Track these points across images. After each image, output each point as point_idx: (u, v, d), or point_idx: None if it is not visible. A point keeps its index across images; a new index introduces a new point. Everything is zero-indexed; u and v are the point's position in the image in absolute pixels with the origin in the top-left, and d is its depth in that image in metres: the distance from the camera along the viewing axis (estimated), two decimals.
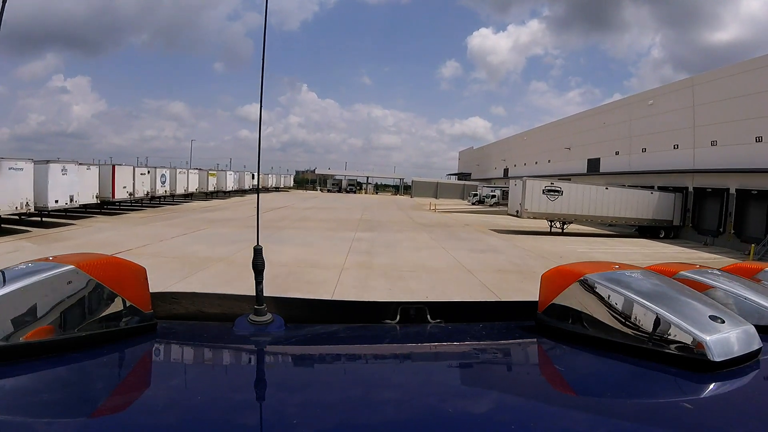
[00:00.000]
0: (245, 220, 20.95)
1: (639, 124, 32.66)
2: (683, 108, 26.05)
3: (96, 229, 17.16)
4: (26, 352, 0.75)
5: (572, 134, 41.36)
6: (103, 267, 0.89)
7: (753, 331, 0.81)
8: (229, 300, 1.14)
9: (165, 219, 21.41)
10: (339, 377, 0.89)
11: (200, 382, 0.83)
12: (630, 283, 0.90)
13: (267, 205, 33.17)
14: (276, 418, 0.67)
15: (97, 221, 19.68)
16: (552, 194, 21.94)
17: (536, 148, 48.32)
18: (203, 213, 25.30)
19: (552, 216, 22.13)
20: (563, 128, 43.41)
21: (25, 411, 0.63)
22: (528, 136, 51.23)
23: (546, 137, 46.46)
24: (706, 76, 25.11)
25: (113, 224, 18.80)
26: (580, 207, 22.31)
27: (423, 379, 0.87)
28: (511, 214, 22.83)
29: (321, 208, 32.12)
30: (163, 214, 24.33)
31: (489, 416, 0.70)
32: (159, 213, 24.71)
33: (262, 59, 1.14)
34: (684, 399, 0.74)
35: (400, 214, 30.63)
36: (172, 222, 20.12)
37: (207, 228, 18.10)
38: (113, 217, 21.81)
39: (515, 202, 22.27)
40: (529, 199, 21.31)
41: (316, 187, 77.49)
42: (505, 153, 57.46)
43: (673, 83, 29.65)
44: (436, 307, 1.15)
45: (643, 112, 31.65)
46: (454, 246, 15.85)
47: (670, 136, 27.43)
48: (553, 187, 22.11)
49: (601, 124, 37.20)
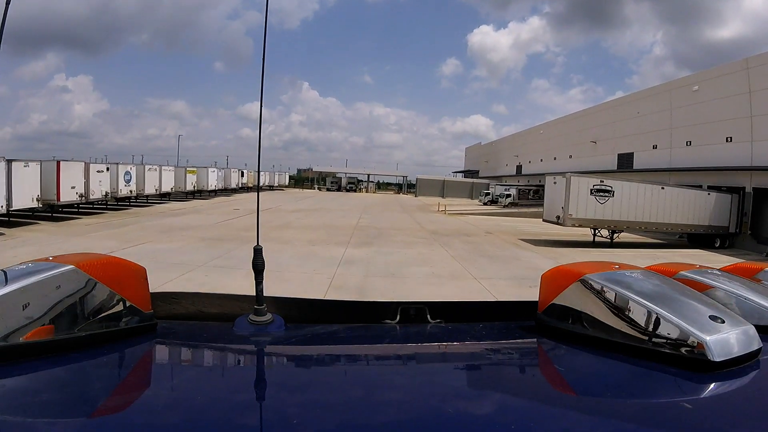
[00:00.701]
0: (208, 229, 16.40)
1: (682, 113, 28.19)
2: (737, 94, 21.73)
3: (20, 241, 13.35)
4: (26, 352, 0.74)
5: (598, 126, 36.60)
6: (103, 267, 0.89)
7: (753, 332, 0.81)
8: (229, 300, 1.13)
9: (114, 227, 17.35)
10: (339, 377, 0.89)
11: (200, 382, 0.82)
12: (630, 283, 0.90)
13: (250, 206, 28.50)
14: (276, 418, 0.67)
15: (32, 230, 15.94)
16: (601, 195, 17.19)
17: (555, 143, 43.50)
18: (166, 218, 20.77)
19: (601, 223, 17.36)
20: (588, 120, 38.57)
21: (25, 411, 0.63)
22: (545, 130, 46.38)
23: (566, 130, 41.66)
24: (764, 57, 20.34)
25: (48, 234, 15.07)
26: (633, 211, 17.55)
27: (423, 379, 0.87)
28: (549, 221, 17.91)
29: (312, 211, 27.25)
30: (118, 219, 20.03)
31: (489, 416, 0.70)
32: (114, 218, 20.36)
33: (263, 58, 1.16)
34: (684, 399, 0.74)
35: (405, 218, 25.79)
36: (117, 231, 16.03)
37: (151, 242, 13.56)
38: (58, 224, 17.69)
39: (554, 206, 17.41)
40: (575, 202, 16.54)
41: (314, 185, 72.91)
42: (518, 148, 52.68)
43: (724, 65, 24.95)
44: (436, 307, 1.14)
45: (686, 100, 27.22)
46: (487, 270, 11.17)
47: (721, 127, 22.85)
48: (603, 186, 17.35)
49: (634, 114, 32.46)
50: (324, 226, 18.98)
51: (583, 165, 38.19)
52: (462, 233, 18.93)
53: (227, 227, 17.39)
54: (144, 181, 27.99)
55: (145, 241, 13.53)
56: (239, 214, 23.10)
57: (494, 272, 11.03)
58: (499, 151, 60.87)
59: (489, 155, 64.87)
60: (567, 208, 16.44)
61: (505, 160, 57.41)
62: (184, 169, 35.93)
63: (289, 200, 36.41)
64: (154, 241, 13.62)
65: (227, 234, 15.31)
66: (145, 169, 28.38)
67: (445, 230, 19.76)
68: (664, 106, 29.70)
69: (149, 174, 28.75)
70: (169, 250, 12.00)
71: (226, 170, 43.84)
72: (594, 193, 17.07)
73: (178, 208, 26.36)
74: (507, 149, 57.03)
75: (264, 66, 1.15)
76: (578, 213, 16.66)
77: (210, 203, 30.97)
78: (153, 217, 21.24)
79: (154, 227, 17.01)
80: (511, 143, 56.09)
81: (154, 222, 18.64)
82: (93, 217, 20.47)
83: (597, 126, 36.78)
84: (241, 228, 17.15)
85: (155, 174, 29.51)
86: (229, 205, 28.60)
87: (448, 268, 11.26)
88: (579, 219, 16.78)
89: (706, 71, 26.86)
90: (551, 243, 16.86)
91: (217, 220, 20.39)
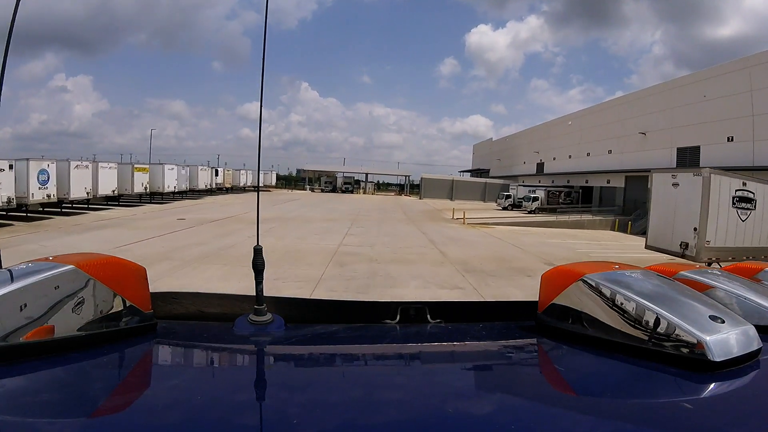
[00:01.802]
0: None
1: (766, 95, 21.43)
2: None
3: None
4: (26, 352, 0.74)
5: (647, 114, 29.76)
6: (102, 267, 0.88)
7: (753, 332, 0.81)
8: (229, 300, 1.12)
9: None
10: (339, 377, 0.88)
11: (200, 382, 0.82)
12: (630, 284, 0.90)
13: (209, 215, 21.54)
14: (276, 418, 0.67)
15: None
16: (743, 207, 10.39)
17: (588, 136, 36.64)
18: (67, 237, 14.00)
19: (742, 252, 10.47)
20: (633, 107, 31.65)
21: (25, 411, 0.63)
22: (575, 120, 39.46)
23: (603, 120, 34.80)
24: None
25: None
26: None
27: (423, 379, 0.87)
28: (661, 250, 10.82)
29: (284, 221, 19.88)
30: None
31: (489, 416, 0.70)
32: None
33: (263, 59, 1.15)
34: (684, 399, 0.74)
35: (412, 235, 18.59)
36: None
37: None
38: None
39: (674, 225, 10.44)
40: (714, 218, 9.68)
41: (307, 185, 65.19)
42: (539, 143, 45.78)
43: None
44: (436, 307, 1.13)
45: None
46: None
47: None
48: (745, 192, 10.52)
49: (699, 97, 25.61)
50: (282, 253, 11.75)
51: (625, 162, 31.43)
52: (512, 268, 11.85)
53: (140, 255, 10.57)
54: (69, 183, 21.20)
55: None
56: (175, 228, 16.25)
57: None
58: (514, 148, 53.76)
59: (502, 152, 57.81)
60: (703, 232, 9.50)
61: (522, 157, 50.48)
62: (130, 166, 28.82)
63: (265, 205, 29.27)
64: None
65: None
66: (70, 167, 21.46)
67: (479, 261, 12.64)
68: (743, 87, 22.96)
69: (77, 173, 21.88)
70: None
71: (193, 168, 36.55)
72: (736, 203, 10.22)
73: (108, 218, 19.59)
74: (525, 145, 50.07)
75: (264, 66, 1.15)
76: (717, 238, 9.77)
77: (156, 210, 24.16)
78: (50, 234, 14.44)
79: (22, 254, 10.19)
80: (529, 138, 49.11)
81: (39, 244, 11.73)
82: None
83: (645, 114, 29.94)
84: (160, 256, 10.34)
85: (85, 173, 22.60)
86: (177, 214, 21.76)
87: None
88: (717, 249, 9.84)
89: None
90: None
91: (139, 237, 13.59)
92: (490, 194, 47.51)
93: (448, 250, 14.14)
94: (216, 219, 19.97)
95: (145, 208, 25.37)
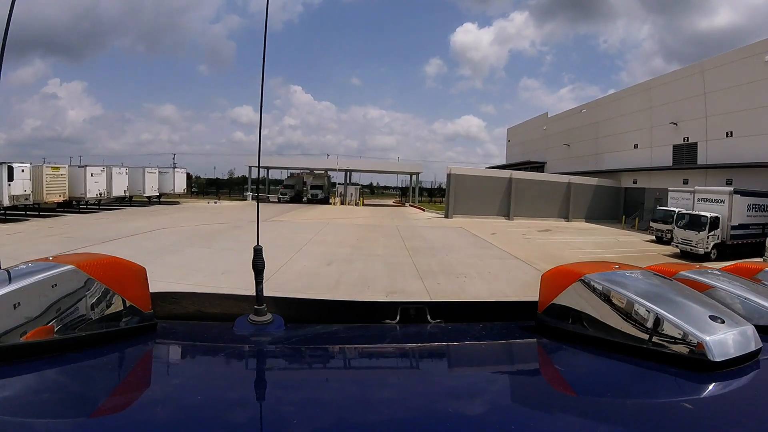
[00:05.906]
0: None
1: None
2: None
3: None
4: (26, 352, 0.73)
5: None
6: (102, 267, 0.88)
7: (753, 332, 0.80)
8: (229, 300, 1.12)
9: None
10: (339, 377, 0.89)
11: (200, 382, 0.81)
12: (630, 284, 0.89)
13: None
14: (276, 417, 0.67)
15: None
16: None
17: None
18: None
19: None
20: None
21: (25, 411, 0.62)
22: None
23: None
24: None
25: None
26: None
27: (423, 379, 0.87)
28: None
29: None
30: None
31: (489, 416, 0.69)
32: None
33: (263, 59, 1.13)
34: (684, 399, 0.73)
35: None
36: None
37: None
38: None
39: None
40: None
41: (247, 192, 41.95)
42: (674, 107, 25.51)
43: None
44: (436, 307, 1.13)
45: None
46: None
47: None
48: None
49: None
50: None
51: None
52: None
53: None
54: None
55: None
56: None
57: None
58: (606, 122, 31.83)
59: (575, 133, 35.61)
60: None
61: (627, 136, 29.50)
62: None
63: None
64: None
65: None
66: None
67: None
68: None
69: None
70: None
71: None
72: None
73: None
74: (633, 115, 29.00)
75: (264, 66, 1.13)
76: None
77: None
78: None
79: None
80: (648, 100, 27.97)
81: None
82: None
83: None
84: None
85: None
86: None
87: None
88: None
89: None
90: None
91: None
92: (577, 205, 27.74)
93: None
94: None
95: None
